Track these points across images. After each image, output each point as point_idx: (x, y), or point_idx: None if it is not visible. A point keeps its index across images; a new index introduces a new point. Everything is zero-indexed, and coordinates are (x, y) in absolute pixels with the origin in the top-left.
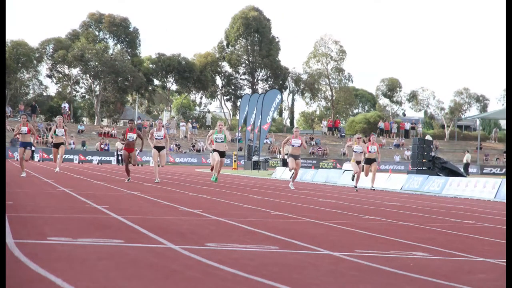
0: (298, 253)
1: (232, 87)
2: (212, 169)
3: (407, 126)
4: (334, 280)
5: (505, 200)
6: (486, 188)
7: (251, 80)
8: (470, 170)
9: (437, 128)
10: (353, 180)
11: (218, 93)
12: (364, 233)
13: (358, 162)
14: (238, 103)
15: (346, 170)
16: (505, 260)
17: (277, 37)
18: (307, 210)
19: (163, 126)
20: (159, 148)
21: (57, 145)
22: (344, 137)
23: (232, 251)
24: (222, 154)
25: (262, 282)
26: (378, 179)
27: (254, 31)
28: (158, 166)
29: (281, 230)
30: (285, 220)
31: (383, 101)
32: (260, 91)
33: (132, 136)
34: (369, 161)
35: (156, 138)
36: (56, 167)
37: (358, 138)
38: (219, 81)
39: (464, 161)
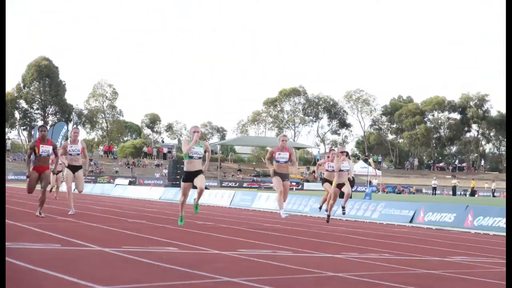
0: (77, 250)
1: (28, 120)
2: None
3: (165, 150)
4: (104, 269)
5: (238, 207)
6: (223, 197)
7: (43, 114)
8: (211, 183)
9: None
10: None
11: (17, 124)
12: (129, 233)
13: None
14: (33, 132)
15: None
16: (235, 252)
17: (64, 81)
18: (86, 216)
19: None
20: (74, 168)
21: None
22: (117, 158)
23: (25, 249)
24: (198, 173)
25: (47, 273)
26: (139, 191)
27: (45, 76)
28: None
29: (64, 231)
30: (68, 223)
31: (147, 131)
32: (50, 123)
33: (46, 149)
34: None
35: (70, 154)
36: None
37: (341, 152)
38: (17, 115)
39: None
